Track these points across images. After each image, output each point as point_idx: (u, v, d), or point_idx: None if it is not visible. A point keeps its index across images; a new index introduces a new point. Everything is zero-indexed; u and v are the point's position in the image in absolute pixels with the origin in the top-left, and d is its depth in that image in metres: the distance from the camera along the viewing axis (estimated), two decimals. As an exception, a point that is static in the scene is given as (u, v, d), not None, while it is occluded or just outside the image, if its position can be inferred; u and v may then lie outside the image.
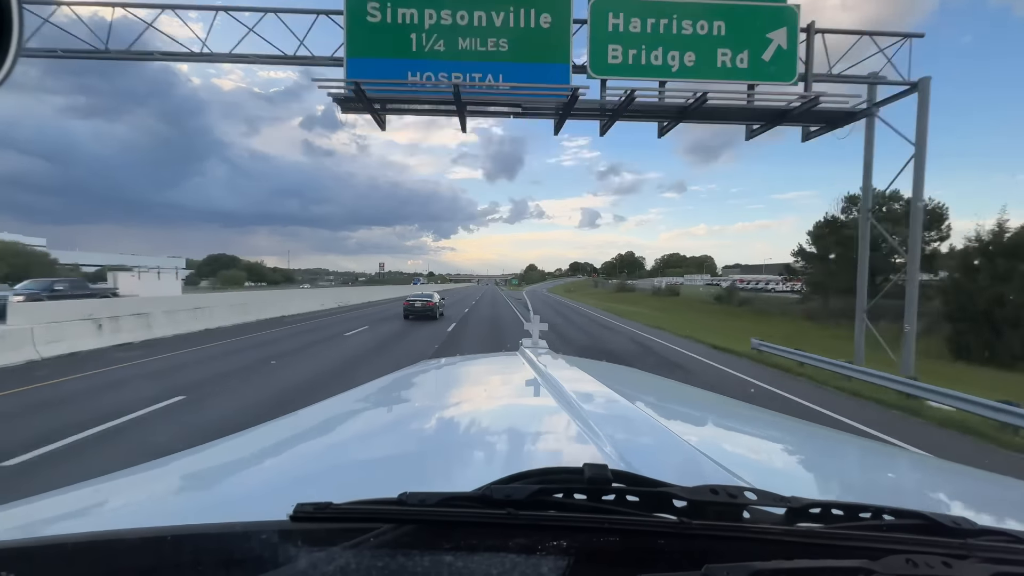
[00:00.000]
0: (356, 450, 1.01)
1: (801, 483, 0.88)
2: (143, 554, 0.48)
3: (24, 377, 7.82)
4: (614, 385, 1.35)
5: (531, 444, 0.99)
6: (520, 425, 1.14)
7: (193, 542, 0.49)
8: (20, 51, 0.70)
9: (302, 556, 0.46)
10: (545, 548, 0.47)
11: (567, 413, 1.08)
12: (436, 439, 1.06)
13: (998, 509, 0.82)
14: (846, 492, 0.86)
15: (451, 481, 0.81)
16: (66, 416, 5.59)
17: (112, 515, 0.74)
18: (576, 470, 0.55)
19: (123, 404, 6.05)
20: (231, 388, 7.40)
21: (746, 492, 0.53)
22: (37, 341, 9.52)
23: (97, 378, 7.87)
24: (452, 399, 1.54)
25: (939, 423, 6.72)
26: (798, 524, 0.51)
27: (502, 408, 1.36)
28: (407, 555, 0.46)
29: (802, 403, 7.70)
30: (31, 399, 6.51)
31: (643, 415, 1.07)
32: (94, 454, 4.54)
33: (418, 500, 0.51)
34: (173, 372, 8.48)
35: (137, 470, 0.89)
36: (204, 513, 0.69)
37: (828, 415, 7.03)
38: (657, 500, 0.52)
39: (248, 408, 6.22)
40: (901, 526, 0.51)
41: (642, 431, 1.01)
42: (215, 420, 5.71)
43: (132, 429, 5.27)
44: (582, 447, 0.91)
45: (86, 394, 6.80)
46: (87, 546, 0.49)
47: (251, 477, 0.89)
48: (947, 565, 0.42)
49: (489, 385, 1.70)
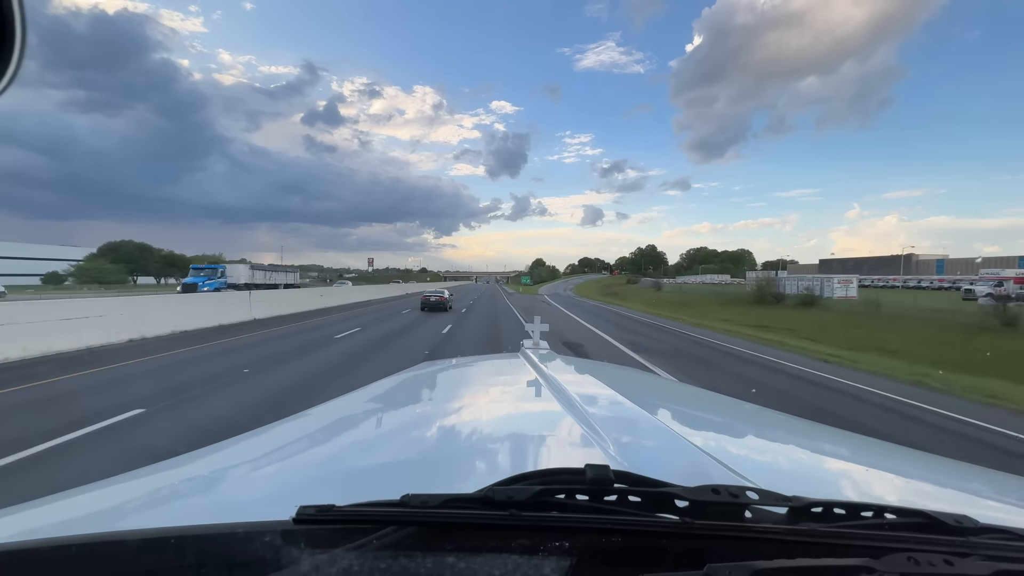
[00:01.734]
0: (358, 452, 1.01)
1: (803, 482, 0.88)
2: (146, 556, 0.48)
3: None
4: (615, 386, 1.35)
5: (533, 445, 0.99)
6: (522, 426, 1.14)
7: (196, 544, 0.49)
8: (24, 52, 0.70)
9: (305, 558, 0.46)
10: (547, 549, 0.48)
11: (568, 414, 1.08)
12: (438, 441, 1.06)
13: (1000, 507, 0.82)
14: (848, 491, 0.86)
15: (453, 482, 0.81)
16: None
17: (114, 518, 0.74)
18: (578, 471, 0.55)
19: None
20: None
21: (748, 492, 0.53)
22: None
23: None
24: (453, 401, 1.54)
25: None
26: (800, 523, 0.50)
27: (503, 409, 1.36)
28: (410, 557, 0.46)
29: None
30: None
31: (644, 415, 1.07)
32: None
33: (420, 502, 0.51)
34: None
35: (139, 473, 0.89)
36: (206, 516, 0.69)
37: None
38: (659, 500, 0.52)
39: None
40: (903, 524, 0.51)
41: (644, 431, 1.01)
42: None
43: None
44: (584, 448, 0.90)
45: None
46: (89, 548, 0.49)
47: (253, 480, 0.89)
48: (949, 563, 0.42)
49: (490, 386, 1.70)
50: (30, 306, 10.10)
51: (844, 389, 7.96)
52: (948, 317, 19.87)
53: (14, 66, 0.70)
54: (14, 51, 0.69)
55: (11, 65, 0.70)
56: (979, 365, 10.27)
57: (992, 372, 9.45)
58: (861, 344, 13.57)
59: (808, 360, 11.07)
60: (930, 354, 11.49)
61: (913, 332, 15.99)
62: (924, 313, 22.16)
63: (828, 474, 0.97)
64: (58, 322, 10.23)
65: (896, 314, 22.18)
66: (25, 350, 9.22)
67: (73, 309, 10.93)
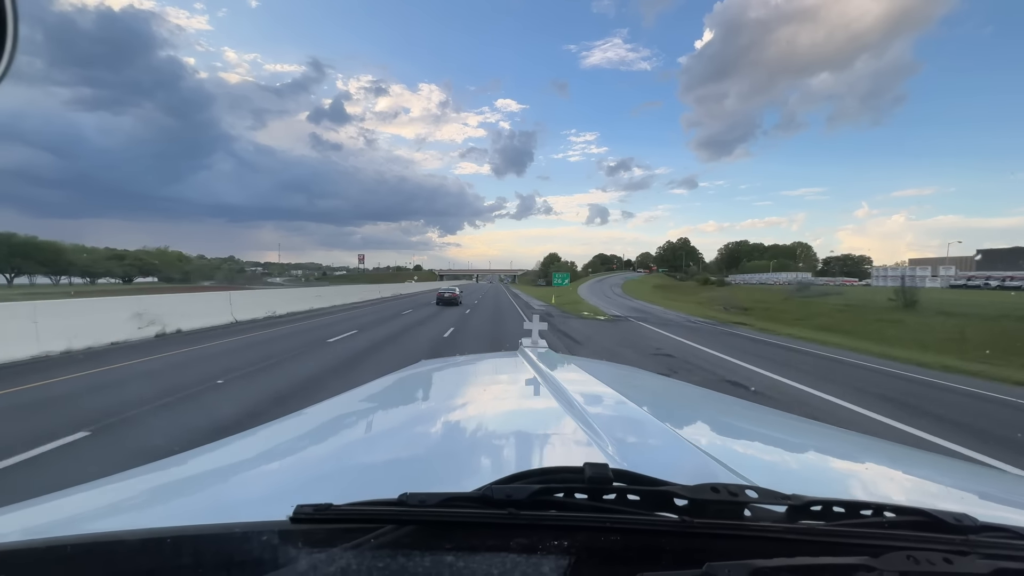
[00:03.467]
0: (356, 451, 1.00)
1: (802, 481, 0.88)
2: (142, 555, 0.48)
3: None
4: (614, 384, 1.35)
5: (531, 444, 0.99)
6: (520, 425, 1.14)
7: (193, 543, 0.49)
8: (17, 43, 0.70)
9: (302, 557, 0.46)
10: (546, 548, 0.47)
11: (567, 412, 1.08)
12: (436, 439, 1.06)
13: (999, 505, 0.83)
14: (847, 489, 0.86)
15: (451, 481, 0.81)
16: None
17: (111, 517, 0.74)
18: (577, 469, 0.55)
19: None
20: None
21: (747, 490, 0.53)
22: None
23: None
24: (452, 399, 1.54)
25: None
26: (799, 522, 0.50)
27: (502, 408, 1.36)
28: (408, 556, 0.46)
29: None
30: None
31: (643, 414, 1.07)
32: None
33: (418, 501, 0.51)
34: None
35: (135, 473, 0.89)
36: (203, 515, 0.69)
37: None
38: (658, 499, 0.52)
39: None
40: (902, 523, 0.51)
41: (642, 430, 1.01)
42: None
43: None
44: (582, 446, 0.90)
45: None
46: (86, 547, 0.49)
47: (251, 479, 0.88)
48: (948, 561, 0.42)
49: (489, 385, 1.70)
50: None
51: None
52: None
53: (7, 60, 0.69)
54: (6, 44, 0.68)
55: (4, 58, 0.69)
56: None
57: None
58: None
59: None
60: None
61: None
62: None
63: (827, 473, 0.97)
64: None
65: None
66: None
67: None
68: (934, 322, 19.01)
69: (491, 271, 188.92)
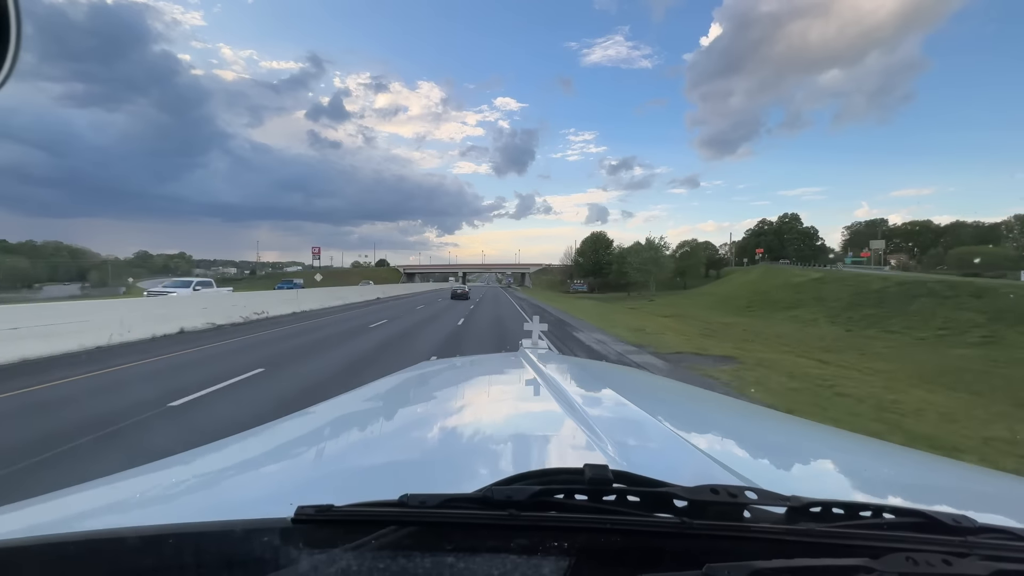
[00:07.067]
0: (357, 452, 1.01)
1: (802, 482, 0.88)
2: (144, 553, 0.48)
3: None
4: (614, 386, 1.35)
5: (532, 445, 0.99)
6: (521, 426, 1.14)
7: (194, 542, 0.49)
8: (20, 44, 0.70)
9: (303, 558, 0.46)
10: (546, 549, 0.47)
11: (568, 414, 1.08)
12: (437, 441, 1.06)
13: (999, 507, 0.82)
14: (847, 491, 0.86)
15: (452, 482, 0.81)
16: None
17: (113, 515, 0.74)
18: (577, 470, 0.55)
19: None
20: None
21: (747, 491, 0.53)
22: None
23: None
24: (452, 400, 1.54)
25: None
26: (799, 523, 0.51)
27: (502, 409, 1.36)
28: (408, 557, 0.46)
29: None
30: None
31: (643, 415, 1.07)
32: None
33: (419, 502, 0.51)
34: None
35: (137, 471, 0.89)
36: (205, 514, 0.69)
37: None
38: (658, 500, 0.52)
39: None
40: (902, 524, 0.51)
41: (642, 431, 1.01)
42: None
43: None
44: (583, 448, 0.90)
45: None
46: (87, 545, 0.49)
47: (252, 479, 0.88)
48: (947, 563, 0.42)
49: (489, 386, 1.70)
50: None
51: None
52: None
53: (11, 60, 0.69)
54: (10, 44, 0.68)
55: (8, 59, 0.69)
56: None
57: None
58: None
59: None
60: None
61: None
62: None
63: (827, 474, 0.97)
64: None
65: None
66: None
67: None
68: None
69: (485, 266, 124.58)
